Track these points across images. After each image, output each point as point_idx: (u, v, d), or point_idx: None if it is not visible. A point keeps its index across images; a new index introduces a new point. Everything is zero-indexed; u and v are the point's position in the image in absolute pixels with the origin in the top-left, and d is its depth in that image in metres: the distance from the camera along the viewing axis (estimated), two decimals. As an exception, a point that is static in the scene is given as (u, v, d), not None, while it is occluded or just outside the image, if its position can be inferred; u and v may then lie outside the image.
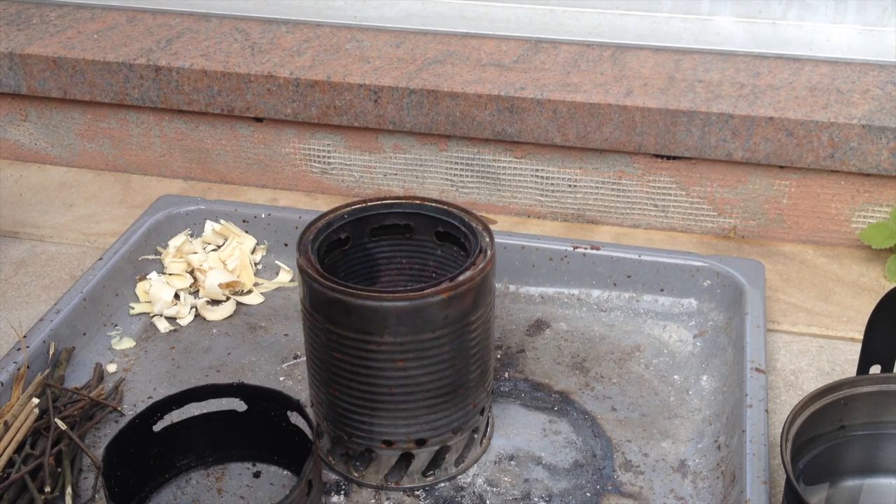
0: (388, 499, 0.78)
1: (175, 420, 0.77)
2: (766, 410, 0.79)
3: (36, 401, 0.80)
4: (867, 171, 1.04)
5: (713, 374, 0.89)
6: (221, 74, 1.15)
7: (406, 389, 0.74)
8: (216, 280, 1.00)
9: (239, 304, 1.01)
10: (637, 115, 1.06)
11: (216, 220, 1.06)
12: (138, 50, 1.20)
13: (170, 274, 1.02)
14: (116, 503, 0.70)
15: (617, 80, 1.11)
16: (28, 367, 0.85)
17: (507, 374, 0.91)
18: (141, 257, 1.03)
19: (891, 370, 0.76)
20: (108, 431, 0.84)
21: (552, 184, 1.14)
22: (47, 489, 0.74)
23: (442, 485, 0.79)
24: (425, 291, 0.71)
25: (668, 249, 1.02)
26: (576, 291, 1.00)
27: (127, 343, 0.95)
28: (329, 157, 1.19)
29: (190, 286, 1.01)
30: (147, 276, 1.01)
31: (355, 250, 0.84)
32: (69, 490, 0.75)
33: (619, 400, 0.88)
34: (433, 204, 0.82)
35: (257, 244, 1.07)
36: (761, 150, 1.05)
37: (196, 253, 1.04)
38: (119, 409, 0.86)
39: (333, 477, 0.80)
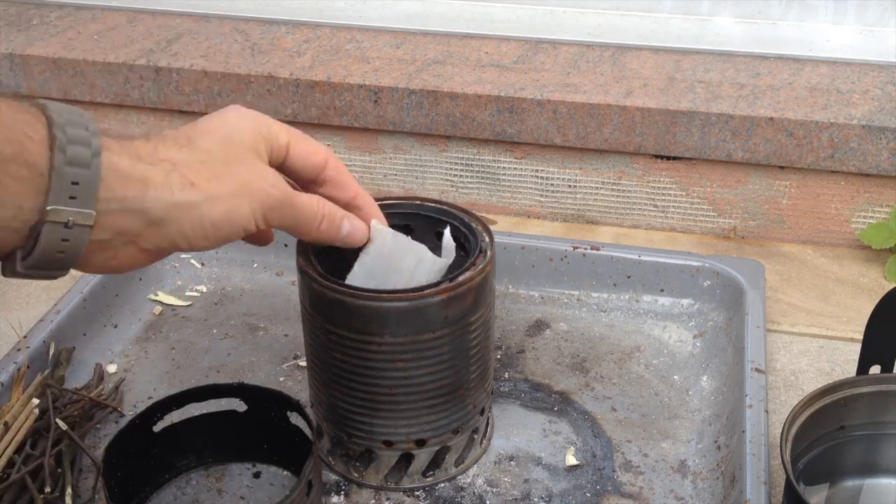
0: (388, 499, 0.78)
1: (175, 420, 0.77)
2: (766, 411, 0.79)
3: (36, 401, 0.80)
4: (867, 171, 1.04)
5: (713, 374, 0.89)
6: (222, 75, 1.15)
7: (406, 390, 0.74)
8: None
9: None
10: (637, 116, 1.06)
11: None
12: (139, 51, 1.20)
13: None
14: (116, 503, 0.70)
15: (617, 80, 1.11)
16: (28, 367, 0.85)
17: (507, 375, 0.91)
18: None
19: (891, 370, 0.76)
20: (108, 431, 0.84)
21: (552, 184, 1.14)
22: (47, 489, 0.74)
23: (442, 485, 0.79)
24: (425, 292, 0.71)
25: (667, 250, 1.02)
26: (576, 292, 1.00)
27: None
28: (329, 158, 1.19)
29: None
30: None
31: (356, 250, 0.84)
32: (69, 490, 0.75)
33: (619, 400, 0.88)
34: (433, 204, 0.82)
35: None
36: (761, 151, 1.05)
37: None
38: (119, 409, 0.86)
39: (333, 477, 0.80)
